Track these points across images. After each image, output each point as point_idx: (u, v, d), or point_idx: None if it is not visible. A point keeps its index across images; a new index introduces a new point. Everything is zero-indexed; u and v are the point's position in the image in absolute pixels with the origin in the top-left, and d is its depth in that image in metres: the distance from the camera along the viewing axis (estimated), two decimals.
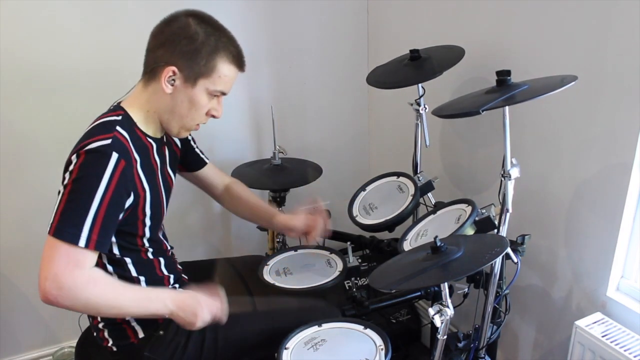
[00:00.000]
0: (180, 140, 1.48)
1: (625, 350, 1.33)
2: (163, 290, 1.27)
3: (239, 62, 1.28)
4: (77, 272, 1.10)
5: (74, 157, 1.14)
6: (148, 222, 1.28)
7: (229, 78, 1.27)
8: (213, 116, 1.32)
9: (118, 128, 1.19)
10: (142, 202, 1.24)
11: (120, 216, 1.18)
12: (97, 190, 1.11)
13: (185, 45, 1.21)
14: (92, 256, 1.14)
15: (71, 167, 1.14)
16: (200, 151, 1.58)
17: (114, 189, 1.13)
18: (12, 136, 1.85)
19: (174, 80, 1.22)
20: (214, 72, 1.24)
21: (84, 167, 1.12)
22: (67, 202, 1.11)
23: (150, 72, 1.24)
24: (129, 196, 1.19)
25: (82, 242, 1.09)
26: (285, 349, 1.27)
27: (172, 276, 1.40)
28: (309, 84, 2.30)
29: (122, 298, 1.18)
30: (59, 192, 1.14)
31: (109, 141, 1.15)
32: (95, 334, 1.36)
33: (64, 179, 1.15)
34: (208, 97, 1.27)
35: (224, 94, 1.30)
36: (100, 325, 1.32)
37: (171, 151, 1.42)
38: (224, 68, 1.25)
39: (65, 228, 1.09)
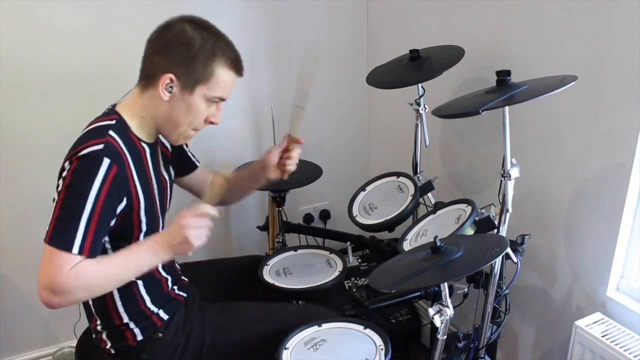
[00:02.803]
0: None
1: (625, 350, 1.33)
2: (144, 244, 1.22)
3: (237, 67, 1.26)
4: (66, 273, 1.09)
5: (67, 164, 1.14)
6: (144, 227, 1.26)
7: (227, 83, 1.25)
8: (212, 122, 1.29)
9: (111, 132, 1.18)
10: (137, 206, 1.23)
11: (113, 222, 1.18)
12: (89, 196, 1.10)
13: (182, 52, 1.19)
14: None
15: (64, 174, 1.13)
16: (192, 154, 1.54)
17: (105, 194, 1.12)
18: (11, 136, 1.85)
19: (171, 87, 1.20)
20: (211, 78, 1.22)
21: (76, 173, 1.12)
22: (60, 209, 1.11)
23: (147, 78, 1.23)
24: (121, 201, 1.18)
25: (76, 249, 1.09)
26: (285, 349, 1.27)
27: (170, 278, 1.39)
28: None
29: (115, 270, 1.16)
30: (54, 199, 1.13)
31: (100, 146, 1.14)
32: (94, 336, 1.35)
33: (57, 185, 1.14)
34: (206, 104, 1.25)
35: (222, 99, 1.27)
36: (99, 328, 1.32)
37: (162, 153, 1.39)
38: (222, 73, 1.23)
39: (59, 235, 1.09)
